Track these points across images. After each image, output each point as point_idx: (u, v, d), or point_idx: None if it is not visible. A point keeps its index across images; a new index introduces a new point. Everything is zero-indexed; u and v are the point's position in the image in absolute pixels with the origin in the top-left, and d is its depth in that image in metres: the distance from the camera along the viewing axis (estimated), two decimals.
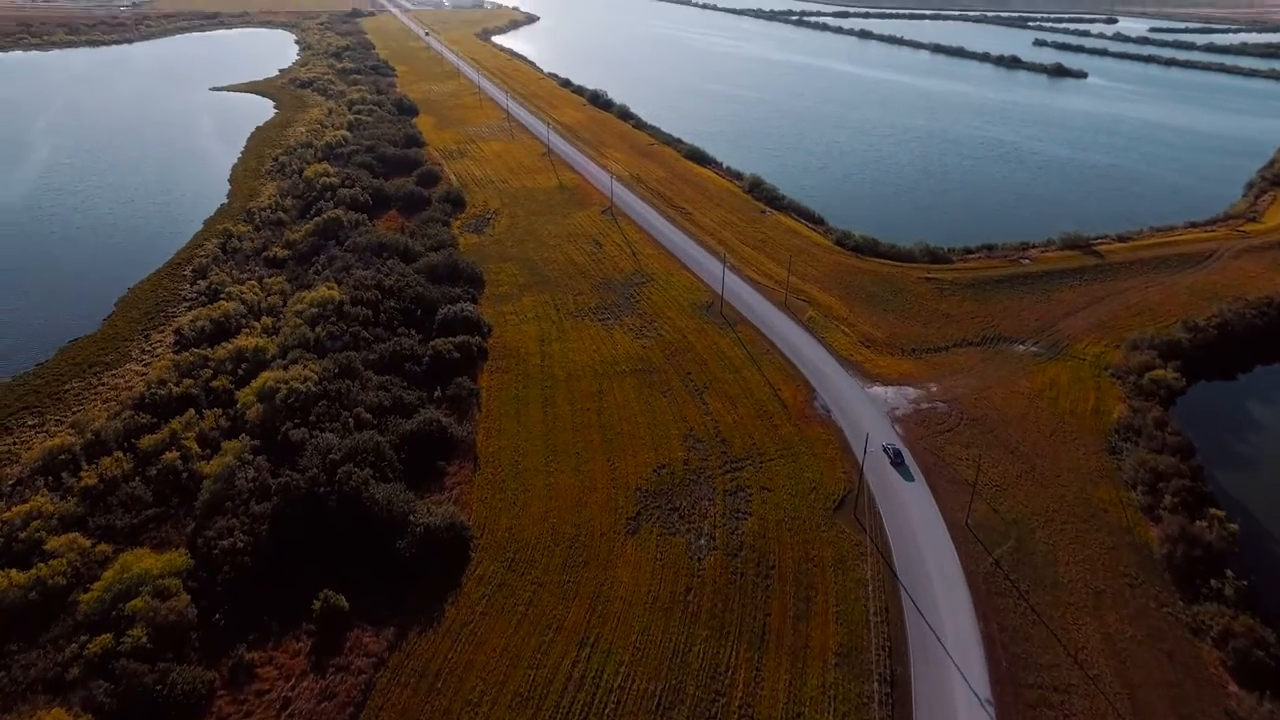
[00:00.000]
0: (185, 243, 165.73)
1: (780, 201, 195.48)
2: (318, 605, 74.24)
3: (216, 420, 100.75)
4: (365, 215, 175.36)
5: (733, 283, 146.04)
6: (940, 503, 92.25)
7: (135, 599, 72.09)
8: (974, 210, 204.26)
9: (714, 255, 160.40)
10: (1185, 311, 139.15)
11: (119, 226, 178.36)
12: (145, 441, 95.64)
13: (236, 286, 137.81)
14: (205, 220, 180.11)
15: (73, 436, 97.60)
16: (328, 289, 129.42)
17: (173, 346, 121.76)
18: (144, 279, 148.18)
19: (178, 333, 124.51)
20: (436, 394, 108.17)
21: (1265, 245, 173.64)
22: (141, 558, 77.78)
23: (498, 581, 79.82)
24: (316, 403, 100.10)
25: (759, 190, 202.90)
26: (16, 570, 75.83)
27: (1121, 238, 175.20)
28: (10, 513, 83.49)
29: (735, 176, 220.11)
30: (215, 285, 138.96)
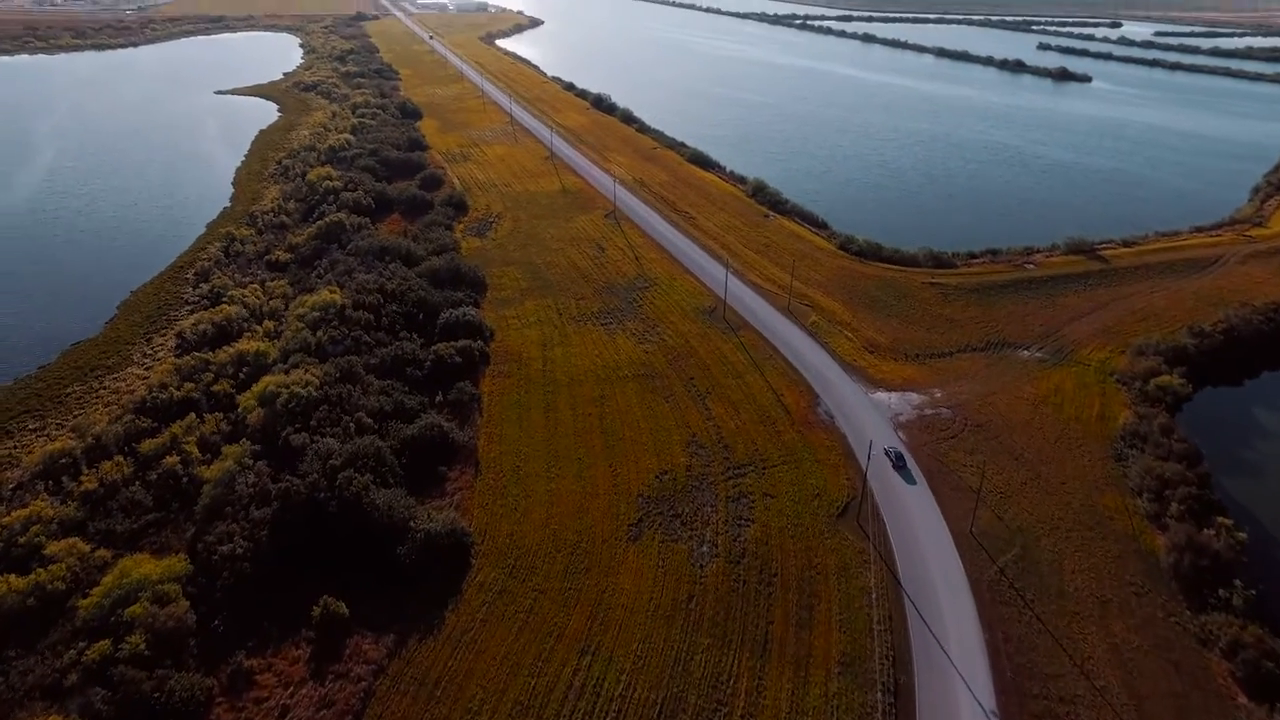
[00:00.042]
0: (188, 246, 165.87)
1: (784, 206, 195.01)
2: (317, 612, 73.79)
3: (217, 424, 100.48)
4: (368, 219, 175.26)
5: (736, 287, 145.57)
6: (944, 509, 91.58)
7: (134, 605, 71.72)
8: (978, 215, 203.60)
9: (717, 259, 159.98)
10: (1191, 317, 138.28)
11: (122, 229, 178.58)
12: (146, 446, 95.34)
13: (238, 290, 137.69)
14: (208, 223, 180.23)
15: (73, 440, 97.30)
16: (330, 293, 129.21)
17: (174, 350, 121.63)
18: (146, 282, 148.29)
19: (179, 336, 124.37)
20: (438, 399, 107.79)
21: (1271, 250, 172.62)
22: (141, 563, 77.46)
23: (498, 588, 79.32)
24: (317, 407, 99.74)
25: (762, 194, 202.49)
26: (15, 575, 75.52)
27: (1126, 243, 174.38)
28: (10, 517, 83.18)
29: (738, 180, 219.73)
30: (217, 289, 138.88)
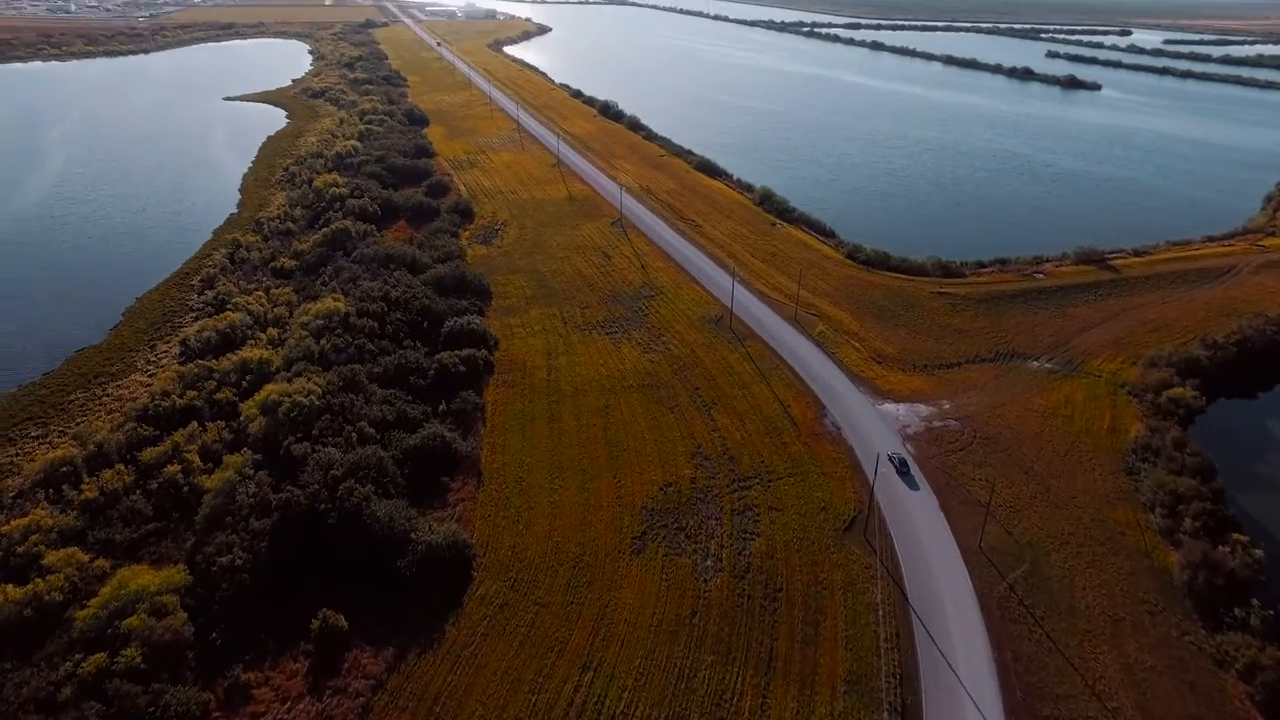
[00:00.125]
0: (194, 252, 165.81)
1: (791, 214, 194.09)
2: (316, 624, 72.98)
3: (219, 433, 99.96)
4: (373, 226, 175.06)
5: (742, 296, 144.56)
6: (953, 524, 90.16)
7: (131, 617, 70.99)
8: (987, 223, 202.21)
9: (723, 268, 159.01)
10: (1203, 328, 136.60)
11: (130, 235, 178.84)
12: (147, 454, 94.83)
13: (243, 297, 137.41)
14: (214, 230, 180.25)
15: (75, 448, 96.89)
16: (334, 300, 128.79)
17: (178, 357, 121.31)
18: (152, 289, 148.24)
19: (183, 343, 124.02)
20: (441, 408, 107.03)
21: None
22: (139, 574, 76.75)
23: (500, 602, 78.30)
24: (319, 417, 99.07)
25: (769, 203, 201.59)
26: (13, 586, 74.97)
27: (1137, 252, 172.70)
28: (9, 526, 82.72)
29: (746, 188, 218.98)
30: (222, 296, 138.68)
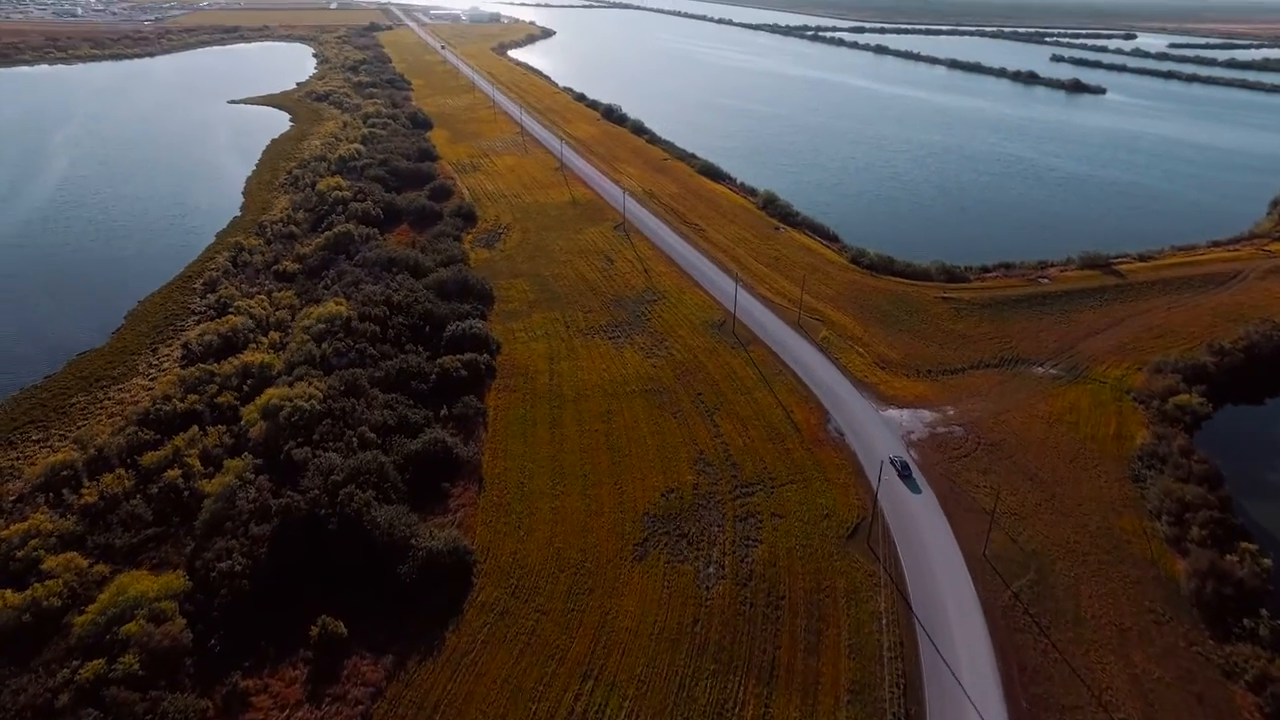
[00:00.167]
0: (197, 255, 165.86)
1: (794, 218, 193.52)
2: (315, 631, 72.56)
3: (220, 437, 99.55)
4: (376, 229, 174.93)
5: (745, 301, 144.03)
6: (957, 531, 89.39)
7: (130, 623, 70.57)
8: (991, 228, 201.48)
9: (726, 273, 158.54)
10: (1210, 334, 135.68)
11: (133, 238, 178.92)
12: (148, 458, 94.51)
13: (245, 301, 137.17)
14: (218, 233, 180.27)
15: (75, 452, 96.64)
16: (336, 304, 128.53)
17: (180, 361, 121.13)
18: (154, 292, 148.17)
19: (185, 347, 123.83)
20: (443, 413, 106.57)
21: None
22: (138, 579, 76.36)
23: (500, 609, 77.74)
24: (320, 421, 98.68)
25: (773, 207, 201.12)
26: (11, 591, 74.63)
27: (1142, 257, 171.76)
28: (9, 531, 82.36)
29: (749, 192, 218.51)
30: (224, 299, 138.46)
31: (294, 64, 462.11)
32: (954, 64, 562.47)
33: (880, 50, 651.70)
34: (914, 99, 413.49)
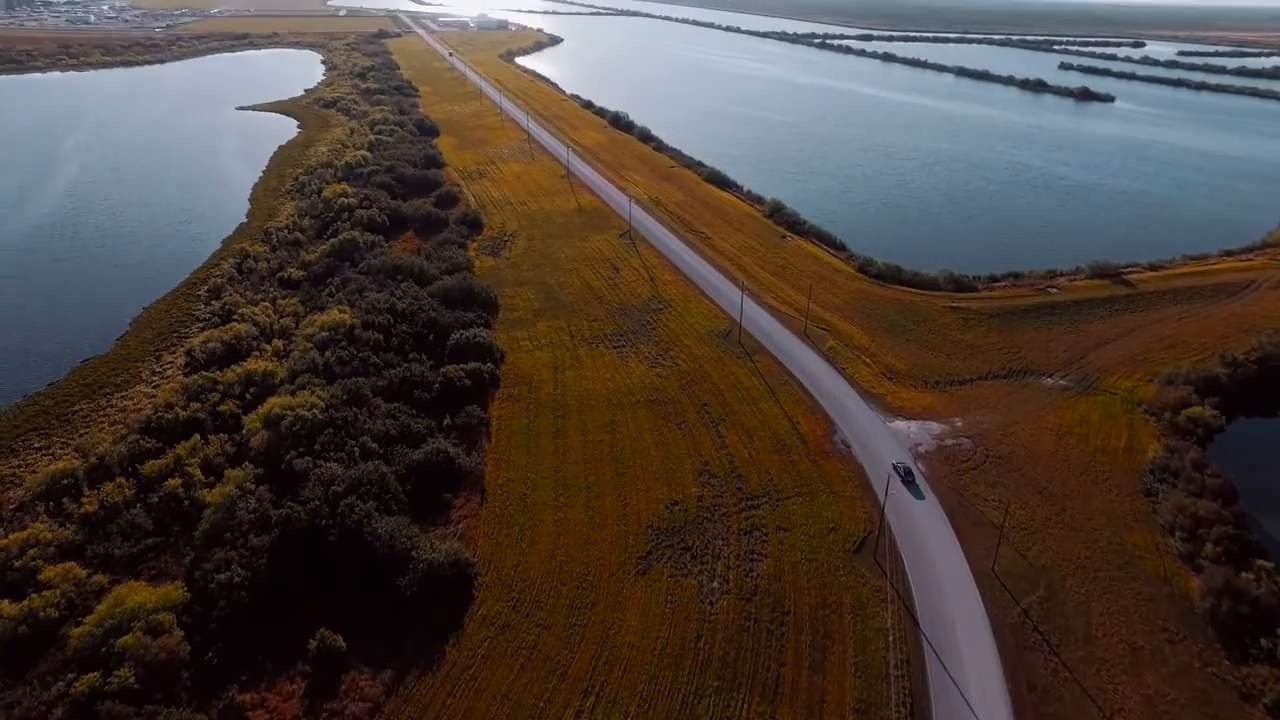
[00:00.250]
0: (202, 262, 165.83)
1: (801, 226, 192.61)
2: (314, 644, 71.65)
3: (221, 446, 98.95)
4: (382, 236, 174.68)
5: (751, 310, 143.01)
6: (965, 546, 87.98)
7: (127, 635, 69.84)
8: (999, 237, 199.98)
9: (733, 281, 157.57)
10: (1222, 344, 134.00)
11: (139, 245, 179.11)
12: (149, 467, 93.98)
13: (249, 308, 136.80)
14: (224, 239, 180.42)
15: (76, 460, 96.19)
16: (339, 312, 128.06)
17: (183, 368, 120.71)
18: (159, 299, 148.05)
19: (189, 354, 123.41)
20: (446, 422, 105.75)
21: None
22: (136, 590, 75.65)
23: (501, 623, 76.72)
24: (322, 431, 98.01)
25: (780, 215, 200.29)
26: (8, 601, 74.04)
27: (1153, 266, 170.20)
28: (8, 540, 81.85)
29: (756, 200, 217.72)
30: (229, 306, 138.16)
31: (303, 71, 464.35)
32: (962, 71, 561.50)
33: (888, 58, 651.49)
34: (921, 106, 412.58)
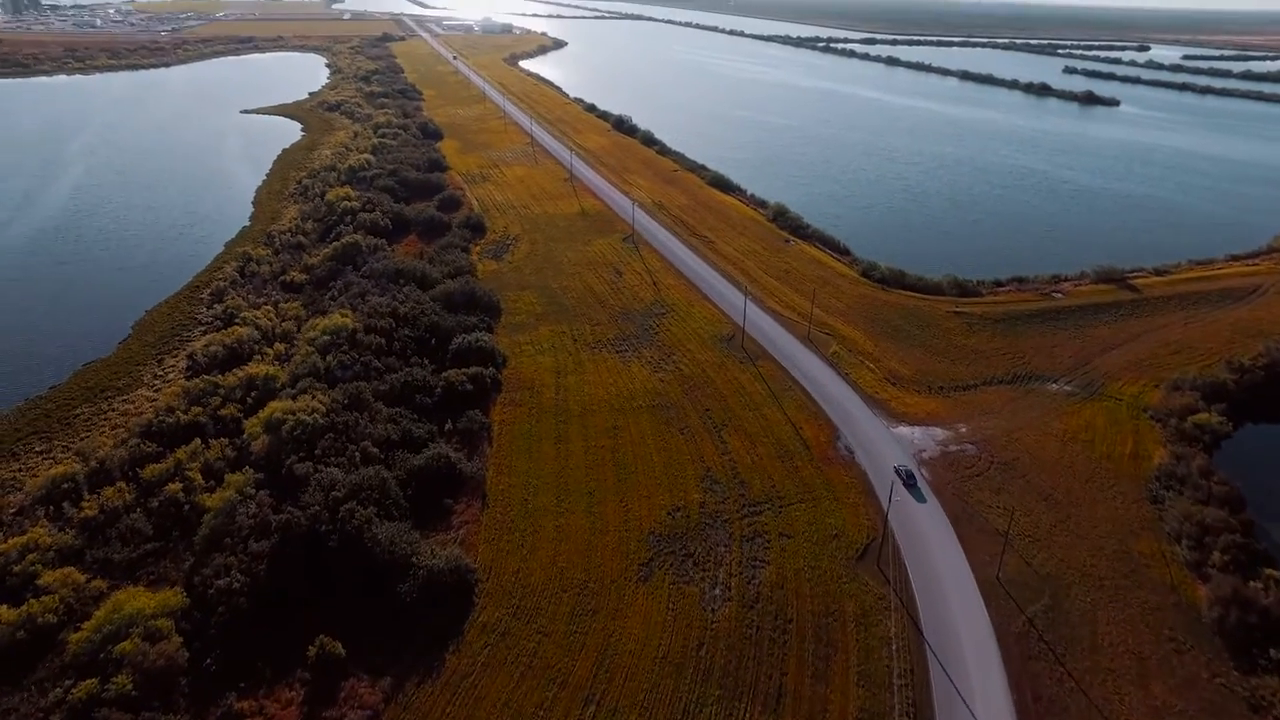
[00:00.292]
0: (205, 265, 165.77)
1: (805, 231, 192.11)
2: (313, 651, 71.18)
3: (222, 450, 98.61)
4: (384, 240, 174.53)
5: (754, 315, 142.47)
6: (969, 553, 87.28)
7: (125, 641, 69.42)
8: (1004, 241, 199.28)
9: (736, 286, 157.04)
10: (1229, 350, 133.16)
11: (143, 248, 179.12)
12: (149, 471, 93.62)
13: (252, 311, 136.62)
14: (226, 242, 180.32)
15: (77, 464, 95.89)
16: (341, 316, 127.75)
17: (185, 372, 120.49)
18: (162, 302, 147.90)
19: (190, 358, 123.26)
20: (447, 427, 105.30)
21: None
22: (135, 596, 75.22)
23: (501, 630, 76.16)
24: (323, 435, 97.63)
25: (783, 219, 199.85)
26: (7, 607, 73.63)
27: (1158, 271, 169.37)
28: (7, 545, 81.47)
29: (759, 204, 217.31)
30: (231, 309, 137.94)
31: (307, 74, 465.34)
32: (966, 75, 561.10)
33: (892, 62, 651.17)
34: (926, 110, 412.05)
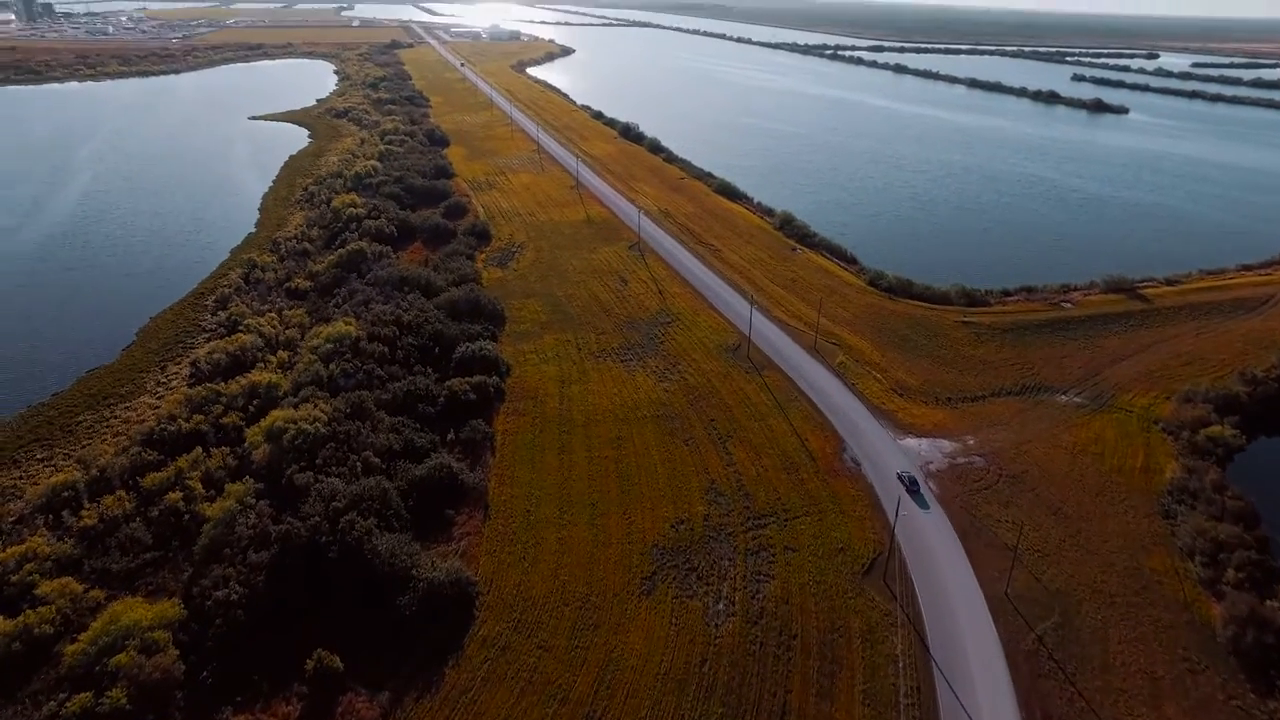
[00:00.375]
0: (211, 271, 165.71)
1: (812, 239, 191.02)
2: (311, 665, 70.28)
3: (223, 459, 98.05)
4: (389, 247, 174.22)
5: (761, 324, 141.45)
6: (977, 568, 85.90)
7: (120, 653, 68.67)
8: (1012, 250, 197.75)
9: (742, 295, 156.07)
10: (1241, 361, 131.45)
11: (149, 254, 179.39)
12: (149, 480, 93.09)
13: (255, 319, 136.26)
14: (232, 249, 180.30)
15: (78, 472, 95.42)
16: (345, 324, 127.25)
17: (188, 379, 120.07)
18: (166, 308, 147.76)
19: (194, 365, 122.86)
20: (450, 437, 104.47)
21: None
22: (132, 607, 74.49)
23: (502, 644, 75.13)
24: (324, 445, 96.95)
25: (790, 227, 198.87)
26: (3, 617, 73.03)
27: (1169, 281, 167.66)
28: (5, 554, 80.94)
29: (766, 213, 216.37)
30: (235, 316, 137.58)
31: (316, 81, 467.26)
32: (974, 83, 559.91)
33: (899, 69, 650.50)
34: (933, 118, 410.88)
